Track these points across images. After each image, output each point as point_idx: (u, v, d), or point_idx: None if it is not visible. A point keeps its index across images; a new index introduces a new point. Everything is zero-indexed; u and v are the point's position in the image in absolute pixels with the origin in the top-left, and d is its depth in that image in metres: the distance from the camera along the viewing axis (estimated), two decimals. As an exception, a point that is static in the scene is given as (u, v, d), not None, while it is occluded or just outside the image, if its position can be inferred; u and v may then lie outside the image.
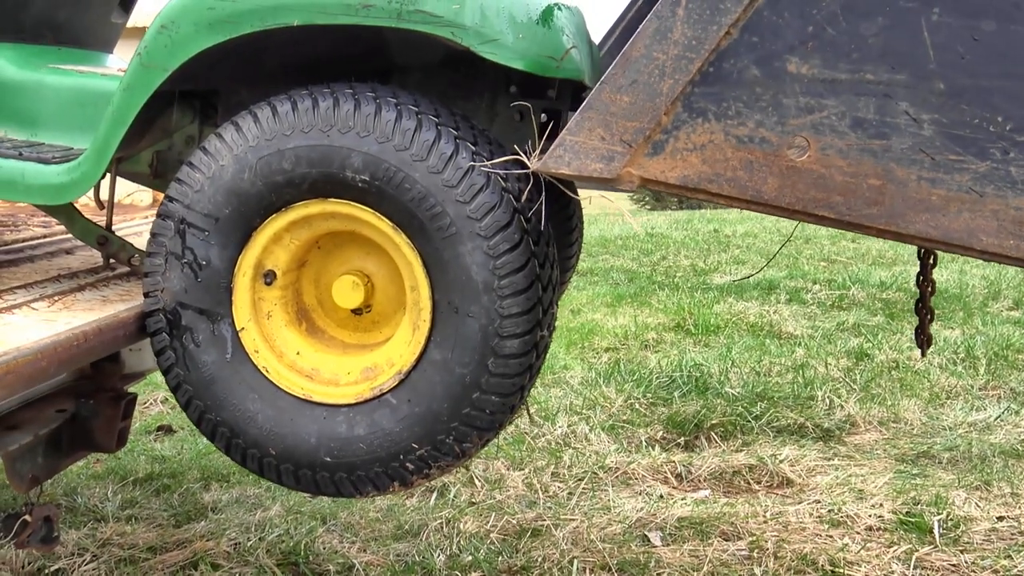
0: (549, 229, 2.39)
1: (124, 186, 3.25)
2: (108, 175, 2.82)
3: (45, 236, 3.74)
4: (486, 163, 2.26)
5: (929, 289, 3.49)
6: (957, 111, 1.86)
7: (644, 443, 5.34)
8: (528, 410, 3.04)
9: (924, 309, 3.54)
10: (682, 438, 5.43)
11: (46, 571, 3.89)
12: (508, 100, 2.63)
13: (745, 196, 1.94)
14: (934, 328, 7.70)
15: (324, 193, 2.32)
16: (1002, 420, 5.53)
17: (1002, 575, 3.85)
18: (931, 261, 3.43)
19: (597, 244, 12.96)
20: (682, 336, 7.75)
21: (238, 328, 2.42)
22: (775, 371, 6.57)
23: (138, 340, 2.59)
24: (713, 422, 5.54)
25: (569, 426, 5.49)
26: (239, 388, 2.42)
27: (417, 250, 2.29)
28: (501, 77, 2.63)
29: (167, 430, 5.73)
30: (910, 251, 11.57)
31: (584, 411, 5.79)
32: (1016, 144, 1.85)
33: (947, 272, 10.06)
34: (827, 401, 5.86)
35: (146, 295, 2.47)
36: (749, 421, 5.54)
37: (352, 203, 2.32)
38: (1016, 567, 3.88)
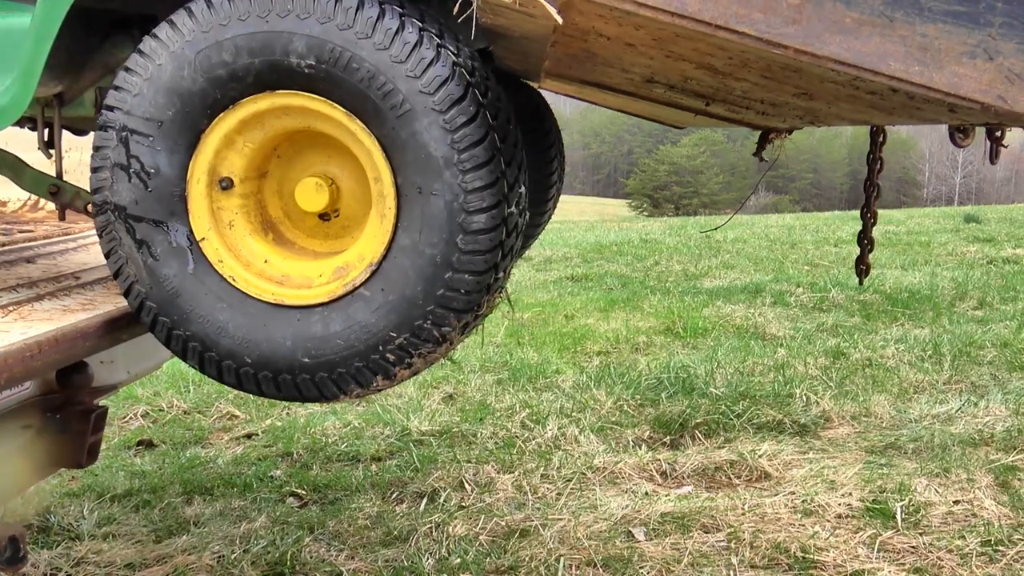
0: (509, 106, 2.28)
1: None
2: (54, 122, 2.69)
3: (4, 244, 3.57)
4: None
5: (871, 220, 3.57)
6: None
7: (631, 443, 5.38)
8: (507, 296, 2.88)
9: (865, 239, 3.59)
10: (668, 437, 5.47)
11: (15, 592, 3.86)
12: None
13: (670, 8, 1.85)
14: (906, 328, 7.85)
15: (270, 84, 2.17)
16: (962, 412, 5.60)
17: (956, 554, 3.91)
18: (875, 193, 3.53)
19: (592, 250, 13.00)
20: (671, 339, 7.81)
21: (198, 238, 2.28)
22: (758, 371, 6.62)
23: (101, 350, 2.47)
24: (697, 421, 5.58)
25: (559, 429, 5.52)
26: (206, 299, 2.28)
27: (374, 135, 2.16)
28: None
29: (148, 444, 5.59)
30: (887, 255, 11.73)
31: (574, 414, 5.82)
32: None
33: (919, 275, 10.16)
34: (804, 398, 5.90)
35: (96, 212, 2.30)
36: (731, 419, 5.58)
37: (301, 93, 2.17)
38: (968, 546, 3.94)
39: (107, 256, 2.34)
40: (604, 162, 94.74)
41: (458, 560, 4.01)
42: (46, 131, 2.82)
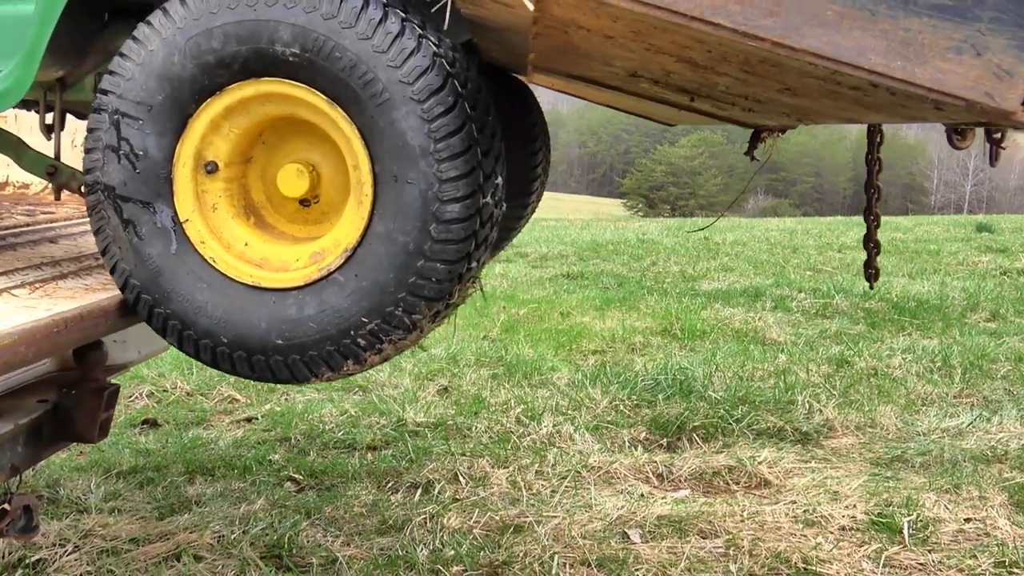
0: (489, 98, 2.36)
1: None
2: (54, 105, 2.80)
3: (28, 224, 3.68)
4: None
5: (875, 223, 3.57)
6: None
7: (627, 443, 5.40)
8: (481, 287, 2.94)
9: (871, 242, 3.60)
10: (664, 439, 5.49)
11: (27, 561, 3.91)
12: None
13: None
14: (913, 338, 7.85)
15: (256, 72, 2.27)
16: (974, 427, 5.59)
17: (967, 574, 3.91)
18: (876, 196, 3.53)
19: (588, 248, 13.03)
20: (669, 340, 7.84)
21: (182, 220, 2.38)
22: (757, 376, 6.65)
23: (121, 329, 2.57)
24: (695, 424, 5.60)
25: (554, 426, 5.55)
26: (187, 279, 2.38)
27: (354, 123, 2.26)
28: None
29: (152, 424, 5.75)
30: (893, 262, 11.75)
31: (570, 412, 5.86)
32: None
33: (928, 284, 10.20)
34: (806, 406, 5.92)
35: (87, 192, 2.40)
36: (730, 424, 5.60)
37: (285, 80, 2.27)
38: (980, 566, 3.93)
39: (96, 234, 2.44)
40: (600, 161, 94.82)
41: (452, 552, 4.04)
42: (48, 114, 2.92)
